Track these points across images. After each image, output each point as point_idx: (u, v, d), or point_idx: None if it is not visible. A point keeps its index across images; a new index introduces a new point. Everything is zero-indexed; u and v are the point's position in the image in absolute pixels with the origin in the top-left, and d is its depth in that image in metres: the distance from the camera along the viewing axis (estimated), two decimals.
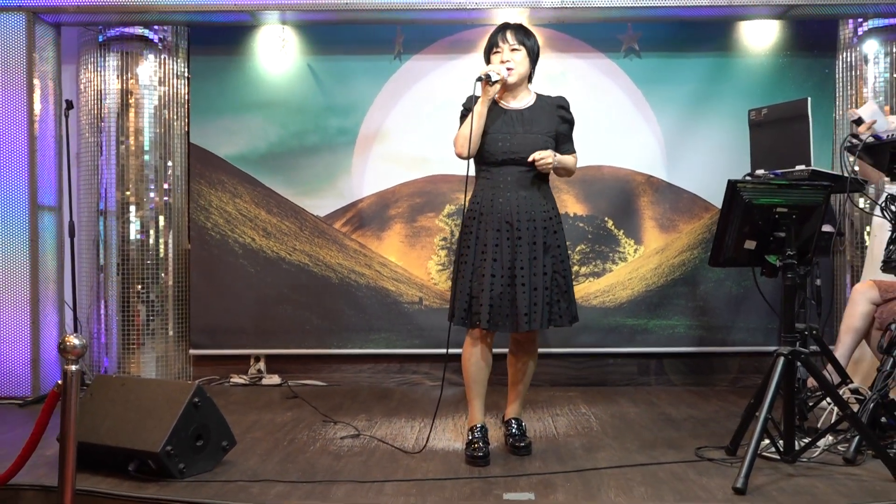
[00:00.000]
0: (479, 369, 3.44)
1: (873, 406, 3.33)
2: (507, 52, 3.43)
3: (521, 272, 3.34)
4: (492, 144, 3.41)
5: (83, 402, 3.17)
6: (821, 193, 3.21)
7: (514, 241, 3.36)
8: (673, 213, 5.04)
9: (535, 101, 3.51)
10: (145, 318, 4.92)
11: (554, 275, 3.41)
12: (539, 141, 3.41)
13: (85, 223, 4.99)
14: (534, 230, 3.38)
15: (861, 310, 3.90)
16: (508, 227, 3.37)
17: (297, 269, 5.07)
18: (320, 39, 5.04)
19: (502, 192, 3.40)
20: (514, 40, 3.44)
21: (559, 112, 3.50)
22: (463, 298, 3.39)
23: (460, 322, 3.40)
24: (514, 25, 3.49)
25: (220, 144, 5.08)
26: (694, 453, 3.44)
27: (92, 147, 4.96)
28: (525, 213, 3.38)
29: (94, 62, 4.93)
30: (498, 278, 3.34)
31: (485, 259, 3.37)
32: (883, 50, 4.76)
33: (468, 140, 3.35)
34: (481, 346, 3.43)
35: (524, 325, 3.32)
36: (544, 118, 3.47)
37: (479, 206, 3.44)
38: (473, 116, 3.33)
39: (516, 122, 3.44)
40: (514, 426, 3.57)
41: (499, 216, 3.38)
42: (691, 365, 5.06)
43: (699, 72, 4.99)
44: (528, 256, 3.35)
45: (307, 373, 5.11)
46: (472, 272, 3.39)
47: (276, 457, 3.44)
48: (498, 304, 3.33)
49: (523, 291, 3.32)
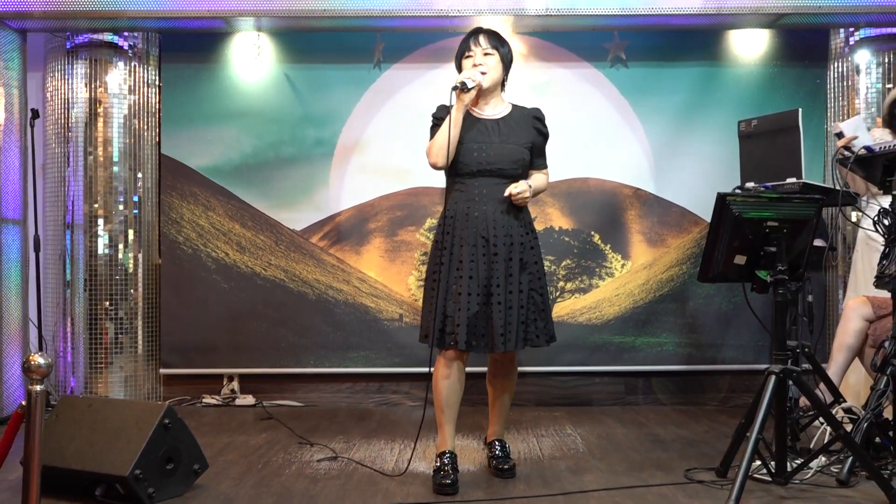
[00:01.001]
0: (453, 392, 3.35)
1: (867, 426, 3.31)
2: (480, 56, 3.35)
3: (498, 290, 3.26)
4: (466, 155, 3.31)
5: (48, 423, 3.14)
6: (812, 207, 3.20)
7: (490, 257, 3.28)
8: (661, 227, 4.98)
9: (511, 111, 3.45)
10: (113, 335, 4.82)
11: (531, 292, 3.34)
12: (516, 152, 3.34)
13: (51, 237, 4.89)
14: (510, 246, 3.30)
15: (854, 326, 3.89)
16: (484, 243, 3.28)
17: (273, 285, 4.97)
18: (297, 47, 4.97)
19: (477, 206, 3.31)
20: (487, 44, 3.37)
21: (535, 124, 3.44)
22: (438, 318, 3.28)
23: (435, 343, 3.29)
24: (487, 30, 3.43)
25: (193, 155, 4.99)
26: (683, 475, 3.41)
27: (58, 158, 4.86)
28: (501, 229, 3.30)
29: (62, 70, 4.83)
30: (474, 297, 3.25)
31: (460, 276, 3.27)
32: (875, 60, 4.75)
33: (444, 149, 3.26)
34: (455, 368, 3.33)
35: (500, 345, 3.24)
36: (521, 129, 3.40)
37: (452, 220, 3.34)
38: (449, 124, 3.23)
39: (492, 131, 3.36)
40: (498, 448, 3.53)
41: (474, 231, 3.29)
42: (680, 384, 5.00)
43: (688, 82, 4.95)
44: (504, 274, 3.28)
45: (282, 393, 5.02)
46: (446, 290, 3.29)
47: (250, 480, 3.39)
48: (473, 323, 3.25)
49: (499, 311, 3.24)
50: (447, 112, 3.30)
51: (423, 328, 3.40)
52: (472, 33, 3.41)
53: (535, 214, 4.91)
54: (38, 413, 2.46)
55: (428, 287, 3.38)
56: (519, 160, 3.35)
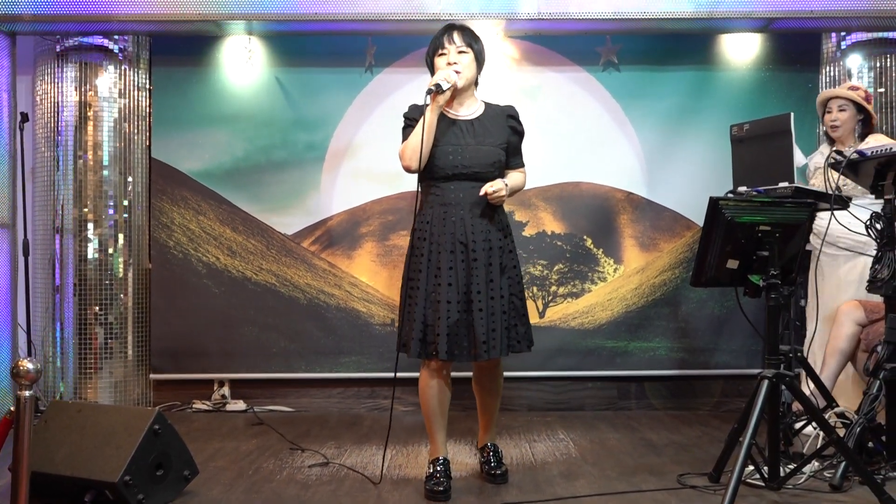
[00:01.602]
0: (439, 402, 3.31)
1: (860, 430, 3.32)
2: (454, 54, 3.27)
3: (479, 297, 3.19)
4: (441, 158, 3.23)
5: (37, 429, 3.13)
6: (805, 211, 3.20)
7: (470, 262, 3.21)
8: (654, 232, 4.97)
9: (485, 111, 3.36)
10: (103, 340, 4.79)
11: (511, 297, 3.29)
12: (492, 153, 3.27)
13: (40, 241, 4.87)
14: (489, 250, 3.24)
15: (846, 331, 3.91)
16: (463, 248, 3.22)
17: (264, 290, 4.94)
18: (288, 51, 4.95)
19: (454, 210, 3.24)
20: (462, 42, 3.28)
21: (509, 122, 3.36)
22: (418, 327, 3.21)
23: (416, 353, 3.23)
24: (461, 27, 3.34)
25: (183, 159, 4.96)
26: (676, 480, 3.40)
27: (48, 162, 4.83)
28: (480, 233, 3.23)
29: (51, 73, 4.81)
30: (454, 304, 3.19)
31: (439, 284, 3.20)
32: (866, 64, 4.76)
33: (417, 152, 3.17)
34: (439, 378, 3.29)
35: (483, 353, 3.18)
36: (495, 128, 3.32)
37: (429, 225, 3.26)
38: (423, 126, 3.16)
39: (466, 133, 3.28)
40: (490, 452, 3.50)
41: (451, 236, 3.22)
42: (673, 388, 4.99)
43: (680, 86, 4.94)
44: (484, 279, 3.21)
45: (273, 398, 4.99)
46: (425, 298, 3.22)
47: (241, 486, 3.38)
48: (455, 332, 3.19)
49: (481, 318, 3.18)
50: (419, 112, 3.24)
51: (400, 337, 3.34)
52: (445, 30, 3.32)
53: (527, 219, 4.91)
54: (27, 419, 2.45)
55: (405, 294, 3.31)
56: (495, 162, 3.27)
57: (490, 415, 3.51)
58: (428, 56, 3.37)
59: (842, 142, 4.13)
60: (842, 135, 4.14)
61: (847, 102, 4.14)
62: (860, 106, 4.10)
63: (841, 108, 4.15)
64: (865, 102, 4.11)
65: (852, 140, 4.15)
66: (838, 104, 4.15)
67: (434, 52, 3.32)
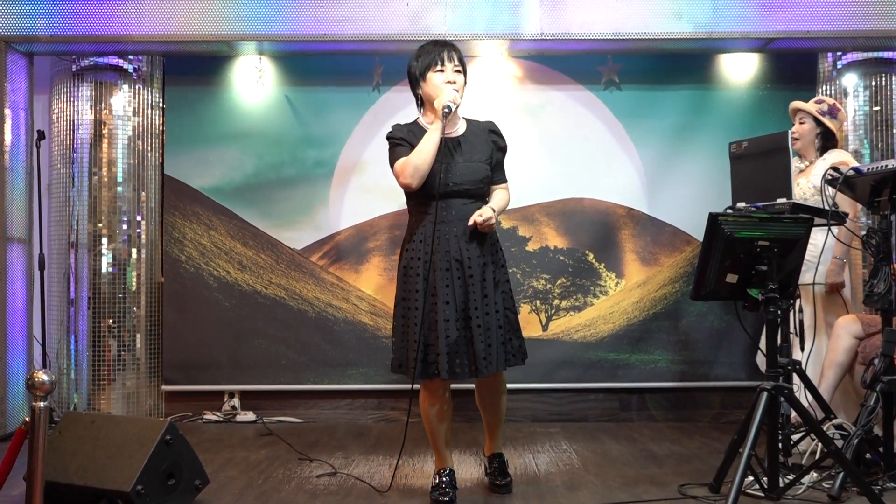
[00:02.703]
0: (441, 420, 3.32)
1: (857, 442, 3.31)
2: (451, 73, 3.24)
3: (476, 313, 3.17)
4: (431, 177, 3.18)
5: (51, 439, 3.12)
6: (802, 227, 3.21)
7: (466, 279, 3.19)
8: (654, 246, 5.02)
9: (468, 127, 3.35)
10: (116, 353, 4.82)
11: (506, 312, 3.27)
12: (480, 169, 3.26)
13: (55, 255, 4.91)
14: (483, 266, 3.22)
15: (844, 344, 3.90)
16: (458, 266, 3.20)
17: (273, 303, 4.99)
18: (298, 70, 5.02)
19: (446, 228, 3.21)
20: (458, 61, 3.26)
21: (492, 137, 3.35)
22: (420, 348, 3.17)
23: (418, 375, 3.19)
24: (451, 45, 3.30)
25: (195, 176, 5.02)
26: (677, 490, 3.40)
27: (64, 178, 4.88)
28: (474, 249, 3.21)
29: (67, 92, 4.86)
30: (452, 322, 3.16)
31: (435, 303, 3.18)
32: (862, 83, 4.79)
33: (421, 171, 3.14)
34: (440, 396, 3.29)
35: (483, 369, 3.16)
36: (480, 144, 3.31)
37: (421, 244, 3.23)
38: (427, 145, 3.14)
39: (453, 150, 3.26)
40: (496, 462, 3.48)
41: (446, 254, 3.19)
42: (673, 400, 5.01)
43: (680, 104, 4.99)
44: (480, 295, 3.20)
45: (283, 409, 5.03)
46: (422, 318, 3.18)
47: (250, 496, 3.38)
48: (455, 350, 3.16)
49: (480, 334, 3.16)
50: (407, 132, 3.24)
51: (396, 358, 3.31)
52: (441, 46, 3.27)
53: (530, 234, 4.98)
54: (42, 429, 2.48)
55: (399, 315, 3.27)
56: (484, 178, 3.27)
57: (494, 428, 3.49)
58: (418, 70, 3.28)
59: (802, 154, 4.21)
60: (801, 147, 4.21)
61: (806, 115, 4.20)
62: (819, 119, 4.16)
63: (801, 121, 4.22)
64: (821, 115, 4.14)
65: (812, 153, 4.20)
66: (799, 116, 4.23)
67: (428, 67, 3.24)
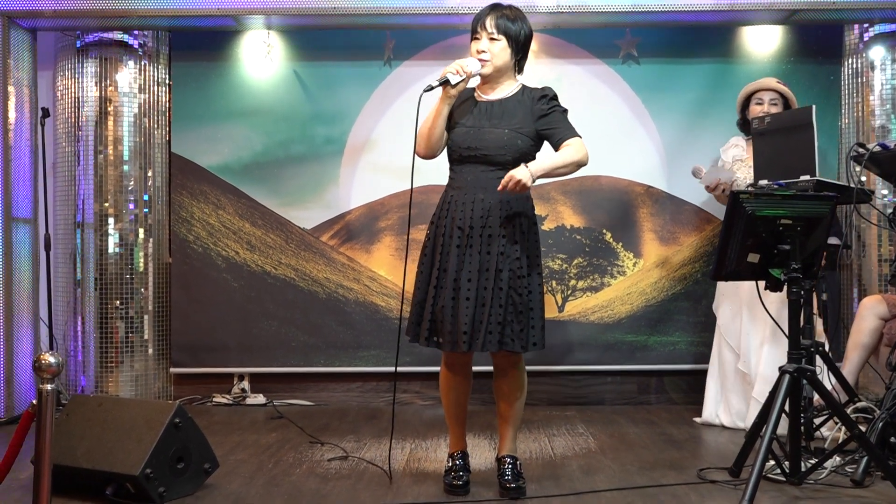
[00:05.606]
0: (456, 393, 3.26)
1: (882, 425, 3.29)
2: (485, 41, 3.12)
3: (468, 284, 3.04)
4: (456, 139, 3.15)
5: (59, 422, 3.13)
6: (826, 205, 3.18)
7: (465, 248, 3.07)
8: (673, 225, 4.95)
9: (515, 94, 3.19)
10: (124, 334, 4.81)
11: (510, 291, 3.05)
12: (503, 136, 3.09)
13: (61, 236, 4.89)
14: (488, 238, 3.06)
15: (869, 325, 3.90)
16: (459, 233, 3.09)
17: (283, 284, 4.95)
18: (307, 45, 4.95)
19: (460, 195, 3.14)
20: (494, 28, 3.10)
21: (539, 104, 3.16)
22: (414, 310, 3.17)
23: (410, 335, 3.19)
24: (497, 11, 3.15)
25: (203, 154, 4.97)
26: (696, 475, 3.40)
27: (69, 157, 4.85)
28: (479, 219, 3.07)
29: (72, 68, 4.82)
30: (441, 290, 3.08)
31: (433, 267, 3.14)
32: (890, 56, 4.70)
33: (423, 138, 3.17)
34: (455, 370, 3.24)
35: (463, 344, 3.01)
36: (519, 112, 3.14)
37: (439, 209, 3.20)
38: (429, 112, 3.14)
39: (484, 114, 3.15)
40: (507, 465, 3.22)
41: (451, 221, 3.11)
42: (693, 383, 4.93)
43: (700, 79, 4.91)
44: (476, 268, 3.05)
45: (293, 392, 5.00)
46: (425, 283, 3.16)
47: (261, 480, 3.39)
48: (440, 318, 3.06)
49: (466, 307, 3.02)
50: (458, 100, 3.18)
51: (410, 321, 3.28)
52: (486, 12, 3.15)
53: (546, 212, 4.89)
54: (49, 412, 2.47)
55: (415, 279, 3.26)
56: (507, 146, 3.08)
57: (508, 423, 3.25)
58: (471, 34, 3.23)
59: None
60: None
61: (778, 97, 4.11)
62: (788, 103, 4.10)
63: (773, 102, 4.15)
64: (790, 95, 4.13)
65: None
66: (770, 97, 4.15)
67: (472, 34, 3.18)
